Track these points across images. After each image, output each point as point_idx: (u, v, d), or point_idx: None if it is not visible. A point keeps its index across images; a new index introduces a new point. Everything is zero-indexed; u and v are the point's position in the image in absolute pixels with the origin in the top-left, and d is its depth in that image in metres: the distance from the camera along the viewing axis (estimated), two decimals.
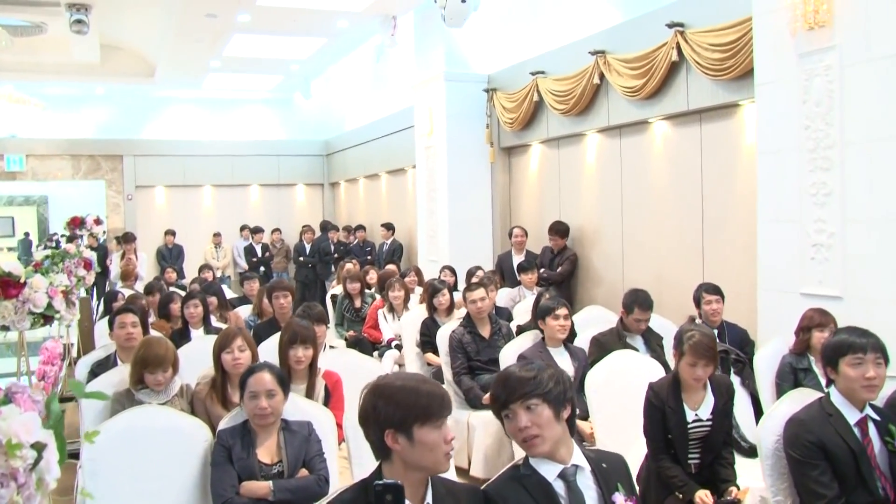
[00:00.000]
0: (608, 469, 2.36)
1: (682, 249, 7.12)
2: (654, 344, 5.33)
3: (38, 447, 1.29)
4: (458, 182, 9.83)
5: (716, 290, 5.31)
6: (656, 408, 3.55)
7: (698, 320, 5.34)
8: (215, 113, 16.69)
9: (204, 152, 16.03)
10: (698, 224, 6.92)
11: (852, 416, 3.06)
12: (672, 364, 5.17)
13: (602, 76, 7.66)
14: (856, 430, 3.04)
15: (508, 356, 4.99)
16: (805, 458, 3.02)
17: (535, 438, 2.26)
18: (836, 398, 3.10)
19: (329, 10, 10.29)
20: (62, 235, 12.87)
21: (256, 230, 14.84)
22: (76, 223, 11.76)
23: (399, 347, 7.19)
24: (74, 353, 8.27)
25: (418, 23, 10.46)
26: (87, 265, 6.61)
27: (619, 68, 7.37)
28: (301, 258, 13.86)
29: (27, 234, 22.17)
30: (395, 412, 2.12)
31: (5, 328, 4.04)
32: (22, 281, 4.04)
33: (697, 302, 5.38)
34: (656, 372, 4.50)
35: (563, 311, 4.82)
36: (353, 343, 7.49)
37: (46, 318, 4.26)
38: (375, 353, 7.23)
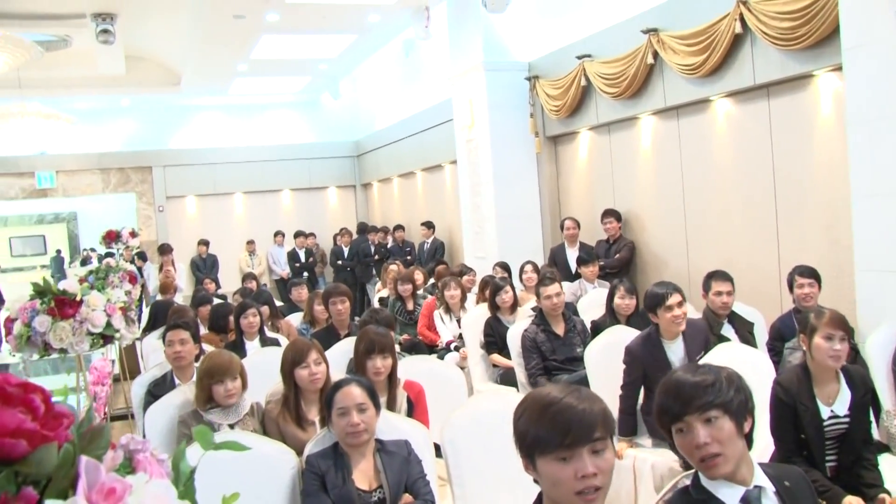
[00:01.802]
0: (792, 488, 2.00)
1: (753, 232, 6.74)
2: (744, 332, 4.98)
3: None
4: (504, 175, 9.46)
5: (811, 274, 4.92)
6: (786, 405, 3.19)
7: (792, 305, 5.00)
8: (243, 119, 16.43)
9: (233, 159, 15.79)
10: (770, 204, 6.53)
11: None
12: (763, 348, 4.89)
13: (656, 55, 7.28)
14: None
15: (594, 354, 4.64)
16: None
17: (716, 458, 1.90)
18: None
19: (360, 3, 9.98)
20: (98, 251, 12.69)
21: (299, 234, 14.53)
22: (112, 237, 11.55)
23: (458, 349, 6.87)
24: (117, 369, 8.03)
25: (452, 13, 10.11)
26: (133, 279, 6.33)
27: (675, 45, 6.98)
28: (339, 262, 13.56)
29: (59, 252, 22.11)
30: (520, 431, 1.80)
31: (64, 351, 3.73)
32: (78, 299, 3.73)
33: (790, 286, 5.01)
34: (762, 362, 4.16)
35: (675, 299, 4.24)
36: (409, 347, 7.19)
37: (105, 338, 3.95)
38: (433, 357, 6.90)
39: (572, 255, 8.39)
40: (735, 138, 6.89)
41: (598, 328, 5.42)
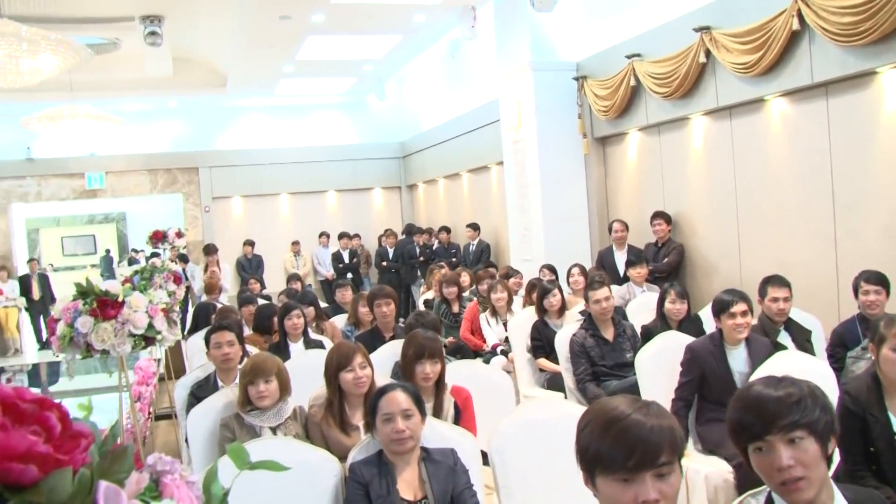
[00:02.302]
0: None
1: (809, 235, 6.53)
2: (801, 339, 4.80)
3: None
4: (551, 176, 9.31)
5: (878, 280, 4.71)
6: (855, 415, 3.01)
7: (854, 311, 4.81)
8: (289, 120, 16.45)
9: (279, 160, 15.83)
10: (828, 207, 6.31)
11: None
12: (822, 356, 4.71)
13: (708, 54, 7.09)
14: None
15: (645, 360, 4.49)
16: None
17: (798, 482, 1.75)
18: None
19: (406, 4, 9.91)
20: (149, 252, 12.79)
21: (343, 235, 14.51)
22: (158, 237, 11.61)
23: (505, 353, 6.75)
24: (162, 369, 8.05)
25: (498, 12, 10.00)
26: (177, 279, 6.31)
27: (729, 44, 6.80)
28: (384, 263, 13.51)
29: (108, 251, 22.45)
30: (581, 444, 1.68)
31: (105, 352, 3.69)
32: (120, 300, 3.69)
33: (855, 292, 4.81)
34: (824, 372, 3.98)
35: (740, 308, 4.19)
36: (454, 350, 7.07)
37: (147, 339, 3.90)
38: (478, 360, 6.78)
39: (620, 258, 8.24)
40: (791, 139, 6.69)
41: (648, 333, 5.28)
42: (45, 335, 13.85)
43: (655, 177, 8.48)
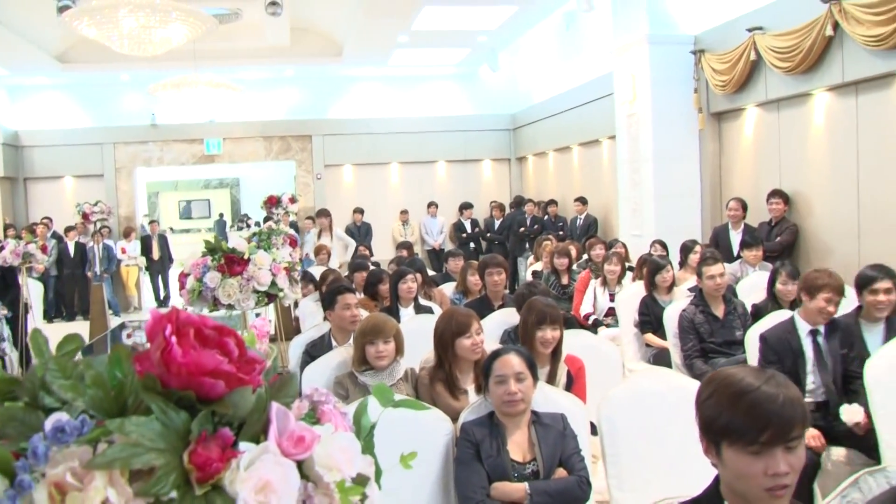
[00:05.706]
0: None
1: None
2: None
3: (361, 482, 0.95)
4: (664, 151, 9.20)
5: None
6: None
7: None
8: (401, 90, 16.61)
9: (390, 130, 16.04)
10: None
11: None
12: None
13: (836, 26, 6.85)
14: None
15: (755, 338, 4.44)
16: None
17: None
18: None
19: None
20: (254, 219, 13.17)
21: (465, 206, 14.62)
22: (272, 202, 11.94)
23: (606, 325, 6.77)
24: (272, 329, 8.32)
25: None
26: (293, 242, 6.52)
27: (860, 15, 6.53)
28: (488, 234, 13.58)
29: (221, 216, 23.23)
30: (706, 414, 1.68)
31: (231, 307, 3.88)
32: (246, 257, 3.86)
33: None
34: None
35: (883, 285, 4.12)
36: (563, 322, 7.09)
37: (270, 296, 4.08)
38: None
39: (735, 236, 8.11)
40: None
41: (759, 312, 5.24)
42: (162, 293, 14.51)
43: (773, 154, 8.26)
